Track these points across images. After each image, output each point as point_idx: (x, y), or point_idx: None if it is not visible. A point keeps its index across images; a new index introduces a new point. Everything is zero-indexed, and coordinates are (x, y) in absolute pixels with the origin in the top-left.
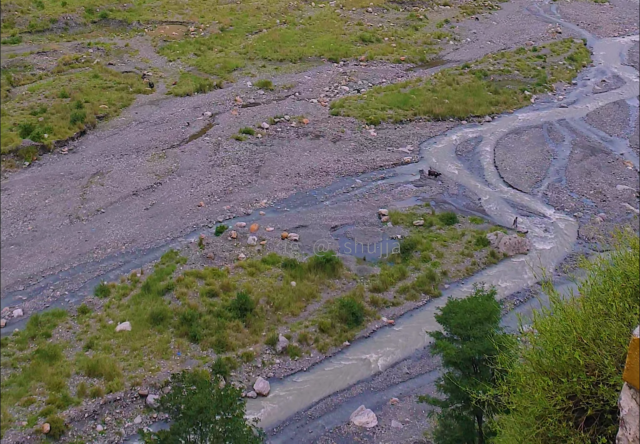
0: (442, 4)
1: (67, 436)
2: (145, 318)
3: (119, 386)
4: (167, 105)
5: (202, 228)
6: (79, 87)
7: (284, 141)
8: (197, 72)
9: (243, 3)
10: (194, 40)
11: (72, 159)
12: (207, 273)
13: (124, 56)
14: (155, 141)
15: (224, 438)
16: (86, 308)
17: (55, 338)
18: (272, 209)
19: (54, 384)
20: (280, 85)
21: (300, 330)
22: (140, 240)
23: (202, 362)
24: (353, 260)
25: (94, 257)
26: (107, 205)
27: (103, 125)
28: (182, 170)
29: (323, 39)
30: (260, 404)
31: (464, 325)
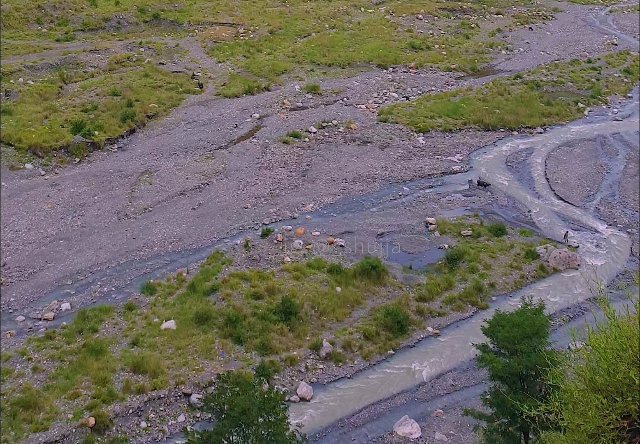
0: (494, 13)
1: (111, 431)
2: (190, 318)
3: (163, 384)
4: (216, 106)
5: (248, 230)
6: (130, 86)
7: (331, 146)
8: (245, 74)
9: (292, 6)
10: (243, 42)
11: (121, 157)
12: (252, 276)
13: (174, 56)
14: (203, 141)
15: (266, 441)
16: (132, 305)
17: (102, 333)
18: (318, 214)
19: (100, 378)
20: (329, 89)
21: (345, 336)
22: (187, 240)
23: (245, 364)
24: (399, 268)
25: (140, 255)
26: (154, 204)
27: (152, 124)
28: (230, 172)
29: (372, 44)
30: (303, 409)
31: (511, 339)
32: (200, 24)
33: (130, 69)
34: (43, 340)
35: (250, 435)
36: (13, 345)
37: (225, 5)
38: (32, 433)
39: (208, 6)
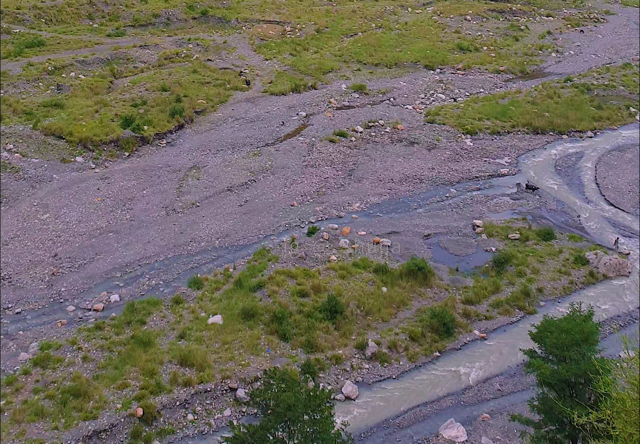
0: (544, 15)
1: (159, 422)
2: (237, 313)
3: (210, 377)
4: (263, 103)
5: (295, 227)
6: (179, 81)
7: (377, 146)
8: (292, 72)
9: (339, 5)
10: (290, 40)
11: (169, 152)
12: (298, 273)
13: (222, 53)
14: (250, 138)
15: (311, 438)
16: (180, 299)
17: (150, 326)
18: (364, 213)
19: (148, 370)
20: (375, 89)
21: (390, 336)
22: (234, 236)
23: (291, 361)
24: (445, 270)
25: (188, 250)
26: (202, 199)
27: (200, 120)
28: (276, 169)
29: (419, 45)
30: (348, 408)
31: (559, 345)
32: (248, 22)
33: (179, 64)
34: (93, 330)
35: (295, 432)
36: (64, 334)
37: (272, 3)
38: (81, 421)
39: (255, 4)
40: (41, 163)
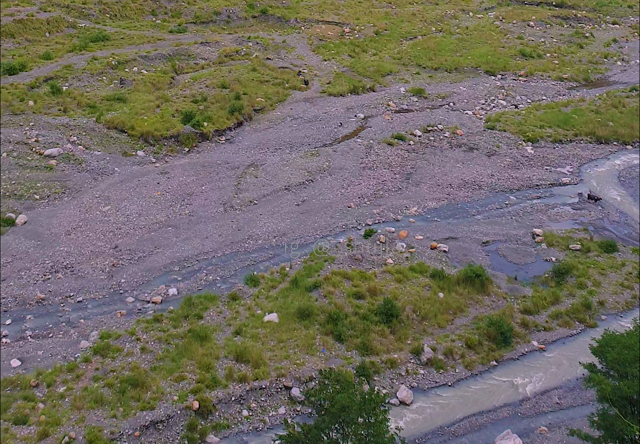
0: (610, 23)
1: (214, 416)
2: (292, 312)
3: (265, 375)
4: (321, 103)
5: (351, 229)
6: (238, 79)
7: (436, 150)
8: (350, 73)
9: (398, 8)
10: (348, 42)
11: (228, 149)
12: (354, 275)
13: (281, 52)
14: (308, 138)
15: (365, 441)
16: (236, 295)
17: (207, 321)
18: (422, 217)
19: (204, 364)
20: (434, 93)
21: (446, 343)
22: (290, 235)
23: (346, 362)
24: (504, 278)
25: (245, 247)
26: (260, 197)
27: (259, 118)
28: (334, 170)
29: (480, 50)
30: (403, 413)
31: (621, 361)
32: (307, 22)
33: (238, 62)
34: (151, 322)
35: (350, 434)
36: (123, 324)
37: (331, 4)
38: (139, 411)
39: (314, 4)
40: (103, 156)
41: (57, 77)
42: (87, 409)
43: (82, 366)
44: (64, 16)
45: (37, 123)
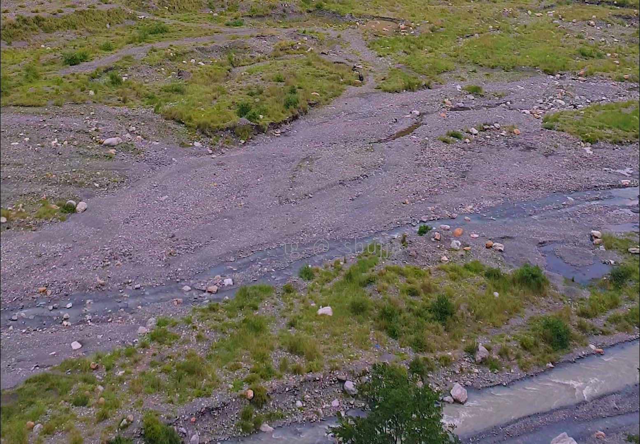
0: None
1: (268, 405)
2: (346, 306)
3: (319, 367)
4: (376, 99)
5: (406, 225)
6: (293, 73)
7: (492, 149)
8: (406, 70)
9: (454, 5)
10: (403, 38)
11: (283, 142)
12: (408, 271)
13: (336, 47)
14: (363, 133)
15: (419, 437)
16: (291, 288)
17: (261, 311)
18: (477, 216)
19: (259, 354)
20: (491, 92)
21: (501, 342)
22: (345, 229)
23: (399, 358)
24: (560, 280)
25: (300, 240)
26: (314, 191)
27: (314, 112)
28: (388, 166)
29: (539, 49)
30: (457, 411)
31: None
32: (362, 17)
33: (293, 56)
34: (207, 311)
35: (403, 429)
36: (179, 312)
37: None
38: (195, 397)
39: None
40: (161, 146)
41: (117, 68)
42: (145, 394)
43: (139, 351)
44: (123, 8)
45: (97, 113)
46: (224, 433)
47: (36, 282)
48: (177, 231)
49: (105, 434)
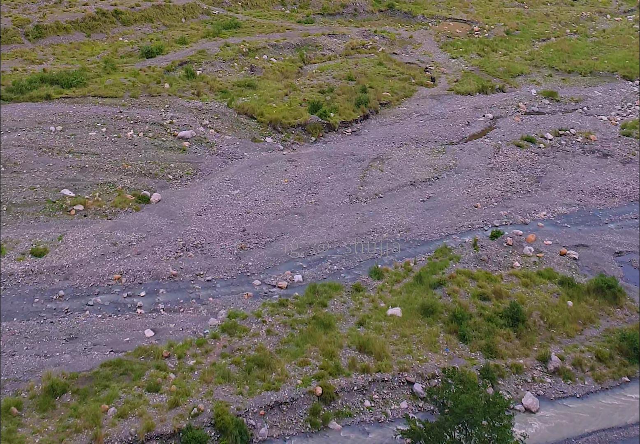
0: None
1: (336, 403)
2: (416, 308)
3: (387, 368)
4: (448, 101)
5: (477, 229)
6: (364, 72)
7: (567, 155)
8: (479, 73)
9: (530, 8)
10: (477, 40)
11: (354, 141)
12: (479, 275)
13: (408, 47)
14: (434, 135)
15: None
16: (360, 287)
17: (330, 309)
18: (551, 222)
19: (328, 351)
20: (567, 97)
21: (575, 353)
22: (415, 231)
23: (469, 363)
24: (637, 292)
25: (370, 239)
26: (385, 191)
27: (385, 112)
28: (460, 168)
29: (618, 54)
30: (528, 420)
31: None
32: (434, 18)
33: (364, 55)
34: (277, 306)
35: (473, 435)
36: (250, 305)
37: (460, 1)
38: (264, 391)
39: (442, 0)
40: (233, 141)
41: (192, 62)
42: (215, 384)
43: (210, 342)
44: (198, 3)
45: (172, 106)
46: (292, 427)
47: (111, 269)
48: (248, 226)
49: (177, 422)
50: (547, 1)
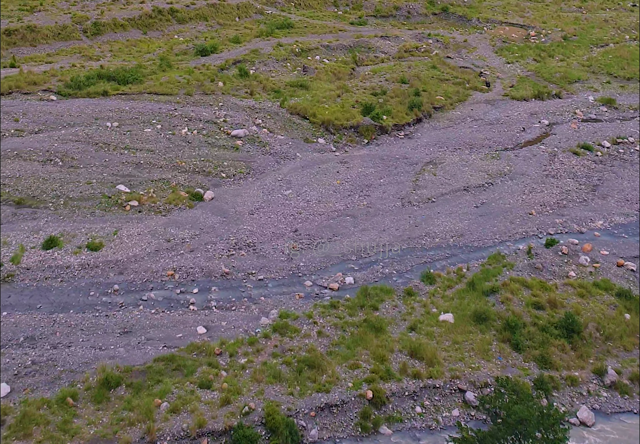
0: None
1: (387, 408)
2: (468, 315)
3: (439, 374)
4: (503, 106)
5: (532, 237)
6: (418, 75)
7: (626, 164)
8: (535, 78)
9: (589, 13)
10: (533, 45)
11: (407, 144)
12: (533, 284)
13: (462, 51)
14: (488, 141)
15: None
16: (412, 291)
17: (382, 313)
18: (608, 232)
19: (378, 355)
20: (626, 104)
21: (633, 367)
22: (468, 236)
23: (523, 373)
24: None
25: (422, 244)
26: (437, 195)
27: (438, 116)
28: (515, 175)
29: None
30: (583, 434)
31: None
32: (490, 22)
33: (418, 58)
34: (328, 308)
35: None
36: (301, 306)
37: (516, 5)
38: (315, 392)
39: (498, 4)
40: (286, 141)
41: (245, 61)
42: (266, 384)
43: (262, 341)
44: (252, 2)
45: (226, 104)
46: (342, 430)
47: (165, 266)
48: (300, 226)
49: (228, 419)
50: (606, 6)
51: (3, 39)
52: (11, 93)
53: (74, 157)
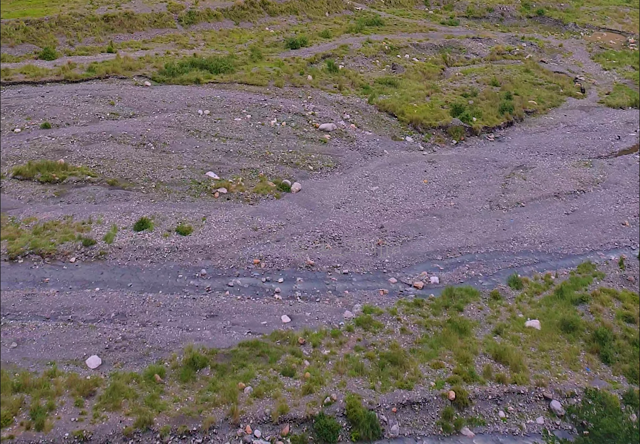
0: None
1: (470, 410)
2: (555, 323)
3: (524, 380)
4: (598, 113)
5: (624, 247)
6: (510, 78)
7: None
8: (633, 86)
9: None
10: (632, 53)
11: (497, 147)
12: (625, 296)
13: (557, 56)
14: (581, 147)
15: None
16: (498, 295)
17: (466, 314)
18: None
19: (462, 357)
20: None
21: None
22: (558, 243)
23: (611, 386)
24: None
25: (509, 247)
26: (527, 200)
27: (530, 121)
28: (608, 183)
29: None
30: None
31: None
32: (587, 27)
33: (510, 62)
34: (412, 305)
35: None
36: (385, 302)
37: (615, 11)
38: (397, 388)
39: (596, 10)
40: (374, 137)
41: (334, 56)
42: (348, 376)
43: (345, 334)
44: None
45: (314, 97)
46: (424, 428)
47: (251, 254)
48: (386, 223)
49: (310, 408)
50: None
51: (101, 25)
52: (108, 77)
53: (166, 142)
